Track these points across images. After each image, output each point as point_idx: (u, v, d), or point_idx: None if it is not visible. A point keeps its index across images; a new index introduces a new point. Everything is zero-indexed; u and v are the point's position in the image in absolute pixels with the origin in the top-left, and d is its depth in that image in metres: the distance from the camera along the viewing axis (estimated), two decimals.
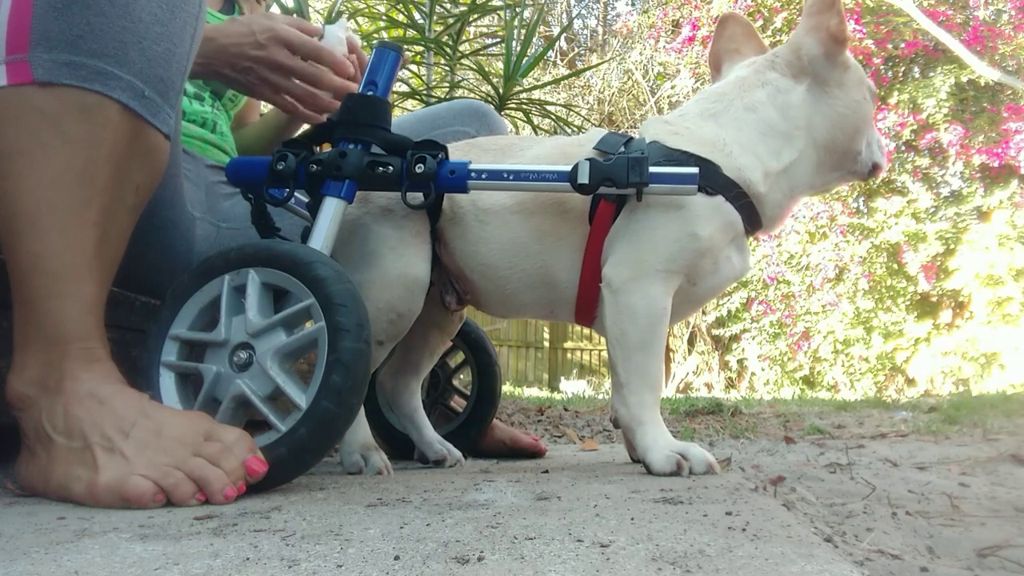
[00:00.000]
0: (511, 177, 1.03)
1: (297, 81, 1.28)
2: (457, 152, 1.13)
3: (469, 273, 1.15)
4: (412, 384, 1.31)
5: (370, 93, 1.07)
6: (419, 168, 1.02)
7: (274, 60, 1.24)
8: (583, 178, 1.00)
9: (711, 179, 1.03)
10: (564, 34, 10.93)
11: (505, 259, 1.12)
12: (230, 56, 1.23)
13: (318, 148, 1.08)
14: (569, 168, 1.01)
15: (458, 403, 1.52)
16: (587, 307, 1.12)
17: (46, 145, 0.78)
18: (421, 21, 2.87)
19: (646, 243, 1.03)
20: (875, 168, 1.19)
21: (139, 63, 0.82)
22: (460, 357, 1.51)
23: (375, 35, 2.97)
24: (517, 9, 2.91)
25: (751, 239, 1.15)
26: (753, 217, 1.08)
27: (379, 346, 1.11)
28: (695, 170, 1.00)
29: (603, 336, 1.08)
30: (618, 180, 1.00)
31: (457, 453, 1.30)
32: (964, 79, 6.41)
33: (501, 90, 2.65)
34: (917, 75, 7.12)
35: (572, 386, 7.49)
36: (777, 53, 1.17)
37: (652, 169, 1.00)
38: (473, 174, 1.03)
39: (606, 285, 1.05)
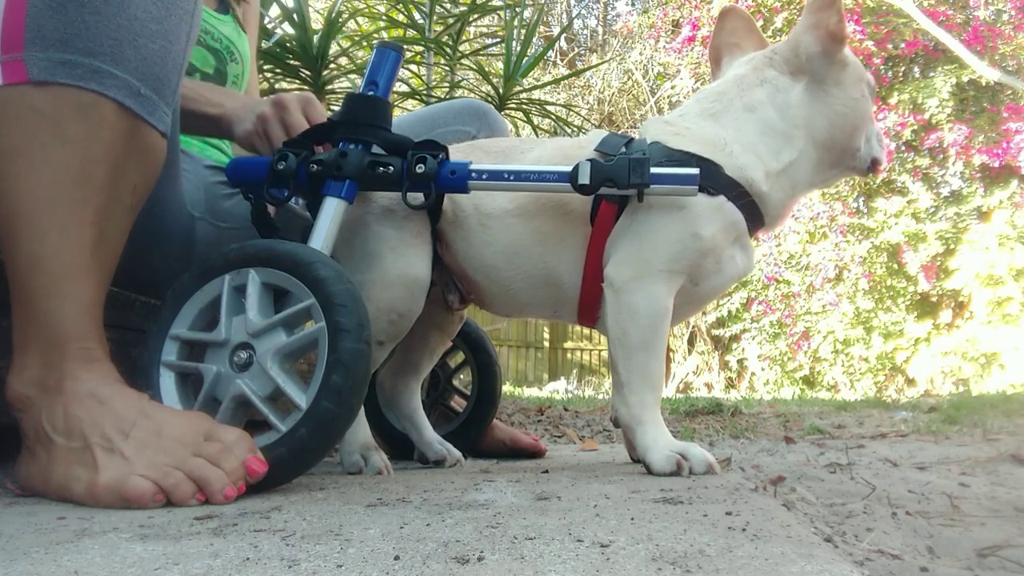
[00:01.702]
0: (512, 177, 1.03)
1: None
2: (459, 154, 1.13)
3: (472, 274, 1.15)
4: (412, 384, 1.31)
5: (371, 93, 1.07)
6: (420, 168, 1.02)
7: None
8: (584, 179, 1.00)
9: (713, 179, 1.03)
10: (564, 34, 10.92)
11: (507, 261, 1.12)
12: None
13: (319, 148, 1.08)
14: (570, 169, 1.01)
15: (458, 403, 1.52)
16: (590, 307, 1.12)
17: (44, 145, 0.78)
18: (421, 21, 2.86)
19: (648, 243, 1.03)
20: (875, 163, 1.19)
21: (135, 61, 0.81)
22: (460, 357, 1.51)
23: (375, 35, 2.97)
24: (517, 9, 2.91)
25: (751, 238, 1.15)
26: (755, 216, 1.08)
27: (379, 346, 1.11)
28: (696, 171, 1.00)
29: (605, 336, 1.08)
30: (619, 181, 1.00)
31: (457, 453, 1.30)
32: (964, 79, 6.41)
33: (501, 90, 2.65)
34: (917, 75, 7.12)
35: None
36: (776, 50, 1.17)
37: (653, 170, 1.00)
38: (474, 174, 1.03)
39: (608, 285, 1.05)
